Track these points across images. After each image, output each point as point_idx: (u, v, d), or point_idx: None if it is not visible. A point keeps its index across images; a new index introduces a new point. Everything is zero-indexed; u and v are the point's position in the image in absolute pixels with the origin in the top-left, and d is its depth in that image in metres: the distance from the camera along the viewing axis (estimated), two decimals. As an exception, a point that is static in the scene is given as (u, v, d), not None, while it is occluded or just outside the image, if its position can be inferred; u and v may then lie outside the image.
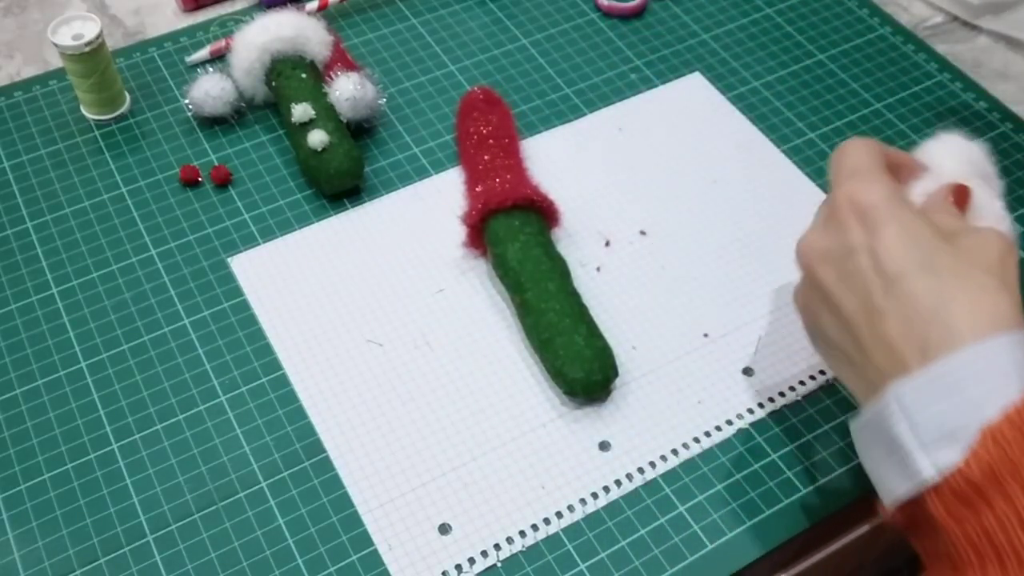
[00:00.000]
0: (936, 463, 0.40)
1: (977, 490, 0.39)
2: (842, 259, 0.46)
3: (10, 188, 0.70)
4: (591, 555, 0.54)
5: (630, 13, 0.83)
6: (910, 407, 0.41)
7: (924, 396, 0.41)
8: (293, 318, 0.63)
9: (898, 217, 0.45)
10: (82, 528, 0.54)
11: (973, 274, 0.43)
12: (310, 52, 0.72)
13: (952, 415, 0.40)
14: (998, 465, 0.38)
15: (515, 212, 0.63)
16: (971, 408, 0.40)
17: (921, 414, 0.41)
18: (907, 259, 0.44)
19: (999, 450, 0.39)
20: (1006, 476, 0.38)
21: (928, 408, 0.41)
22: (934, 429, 0.40)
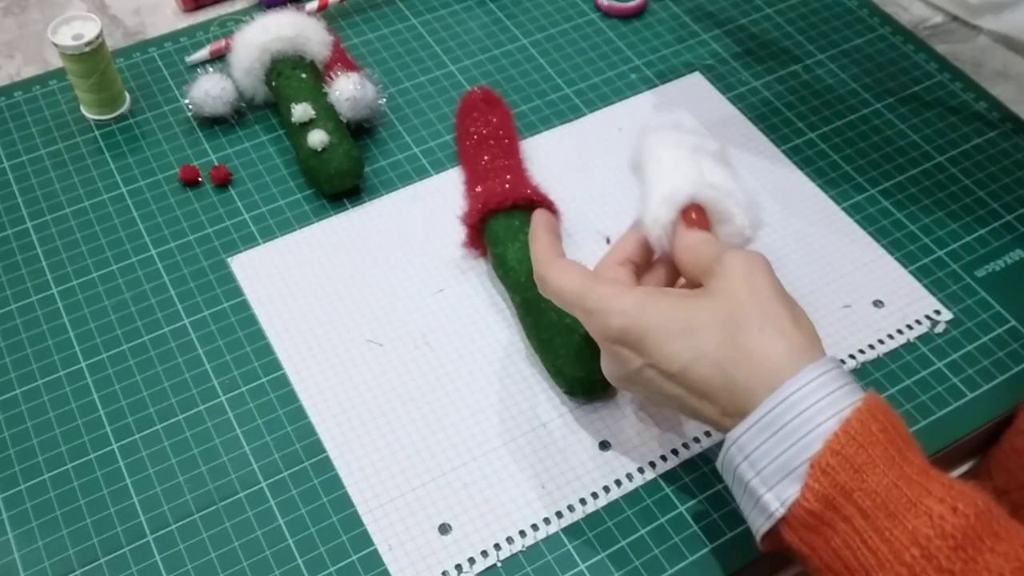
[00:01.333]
0: (781, 499, 0.44)
1: (818, 518, 0.43)
2: (636, 379, 0.50)
3: (10, 188, 0.70)
4: (591, 555, 0.54)
5: (630, 13, 0.83)
6: (750, 453, 0.45)
7: (758, 441, 0.44)
8: (293, 318, 0.63)
9: (647, 325, 0.48)
10: (82, 528, 0.54)
11: (748, 328, 0.46)
12: (310, 52, 0.72)
13: (784, 454, 0.43)
14: (830, 492, 0.42)
15: (515, 212, 0.63)
16: (797, 445, 0.43)
17: (760, 459, 0.44)
18: (679, 357, 0.47)
19: (828, 478, 0.42)
20: (839, 500, 0.42)
21: (763, 452, 0.44)
22: (773, 469, 0.44)
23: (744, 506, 0.46)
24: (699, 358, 0.46)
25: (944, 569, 0.39)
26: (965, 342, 0.62)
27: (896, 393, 0.60)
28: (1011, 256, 0.67)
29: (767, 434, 0.44)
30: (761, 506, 0.45)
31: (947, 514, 0.40)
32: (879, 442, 0.42)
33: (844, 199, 0.70)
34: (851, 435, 0.42)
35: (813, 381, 0.44)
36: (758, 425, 0.44)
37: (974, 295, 0.65)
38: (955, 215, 0.69)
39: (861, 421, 0.43)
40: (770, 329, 0.46)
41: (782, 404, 0.44)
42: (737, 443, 0.45)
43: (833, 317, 0.63)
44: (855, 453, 0.42)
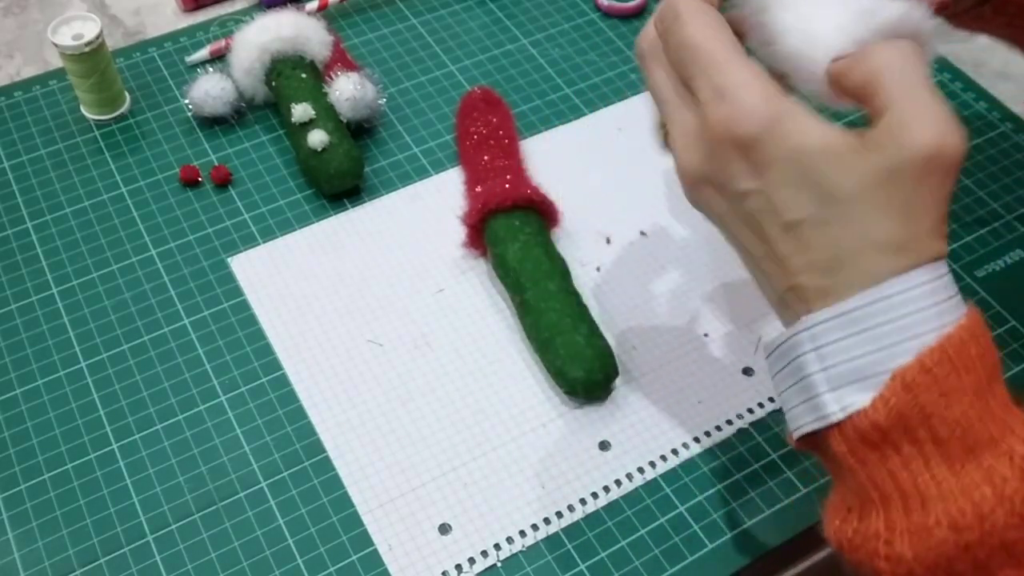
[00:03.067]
0: (843, 405, 0.39)
1: (883, 434, 0.38)
2: (731, 196, 0.41)
3: (10, 188, 0.70)
4: (591, 555, 0.54)
5: (630, 13, 0.83)
6: (822, 346, 0.39)
7: (837, 335, 0.39)
8: (293, 318, 0.63)
9: (785, 149, 0.39)
10: (82, 528, 0.54)
11: (880, 199, 0.38)
12: (310, 52, 0.72)
13: (864, 357, 0.38)
14: (907, 410, 0.37)
15: (515, 212, 0.63)
16: (884, 351, 0.38)
17: (833, 355, 0.39)
18: (803, 205, 0.39)
19: (909, 396, 0.37)
20: (915, 423, 0.37)
21: (840, 348, 0.39)
22: (845, 370, 0.39)
23: (788, 398, 0.41)
24: (822, 224, 0.39)
25: (1015, 512, 0.36)
26: (965, 342, 0.62)
27: (896, 393, 0.60)
28: (1011, 256, 0.67)
29: (852, 330, 0.38)
30: (814, 405, 0.40)
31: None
32: (974, 368, 0.37)
33: (844, 199, 0.70)
34: (948, 354, 0.37)
35: (923, 286, 0.38)
36: (844, 318, 0.38)
37: (974, 295, 0.65)
38: (955, 215, 0.69)
39: (962, 341, 0.37)
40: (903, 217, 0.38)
41: (881, 303, 0.38)
42: (811, 331, 0.39)
43: (833, 317, 0.63)
44: (947, 375, 0.37)
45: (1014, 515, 0.36)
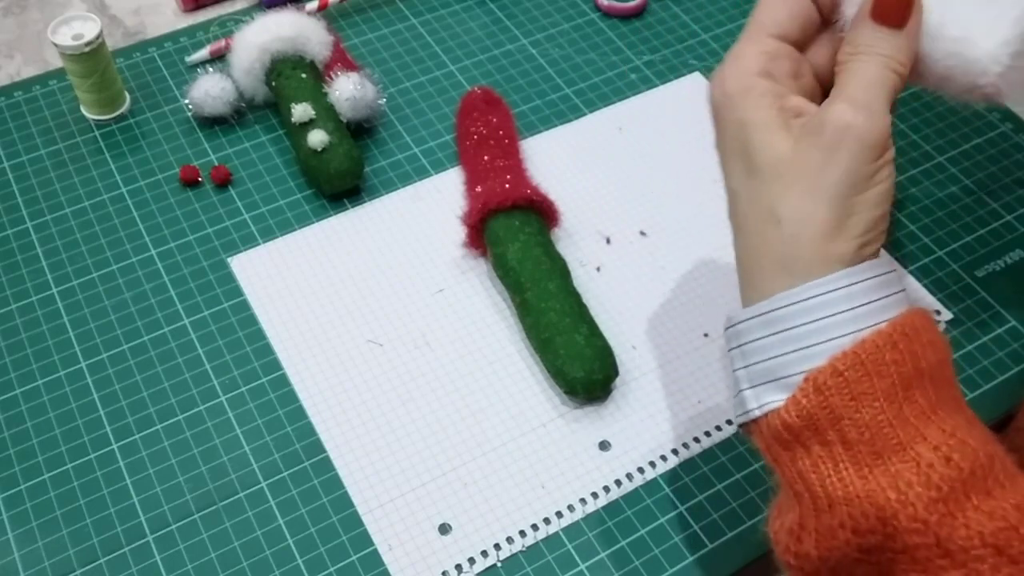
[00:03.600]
0: (761, 403, 0.40)
1: (795, 435, 0.39)
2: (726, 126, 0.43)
3: (10, 188, 0.70)
4: (591, 555, 0.54)
5: (630, 13, 0.83)
6: (745, 343, 0.41)
7: (757, 335, 0.40)
8: (293, 318, 0.63)
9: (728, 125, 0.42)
10: (82, 528, 0.54)
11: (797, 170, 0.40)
12: (310, 52, 0.72)
13: (781, 358, 0.39)
14: (817, 412, 0.38)
15: (515, 212, 0.63)
16: (799, 352, 0.39)
17: (753, 353, 0.40)
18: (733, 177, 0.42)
19: (820, 398, 0.38)
20: (824, 424, 0.38)
21: (759, 347, 0.40)
22: (762, 369, 0.40)
23: (730, 386, 0.43)
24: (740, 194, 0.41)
25: (918, 518, 0.36)
26: (965, 342, 0.62)
27: (896, 393, 0.60)
28: (1011, 256, 0.67)
29: (770, 330, 0.40)
30: (740, 399, 0.41)
31: (937, 463, 0.37)
32: (887, 374, 0.38)
33: (844, 199, 0.70)
34: (860, 359, 0.38)
35: (842, 289, 0.39)
36: (763, 318, 0.40)
37: (974, 295, 0.65)
38: (955, 215, 0.69)
39: (877, 346, 0.38)
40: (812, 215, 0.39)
41: (798, 305, 0.39)
42: (735, 328, 0.41)
43: (833, 317, 0.63)
44: (859, 379, 0.38)
45: (916, 520, 0.36)
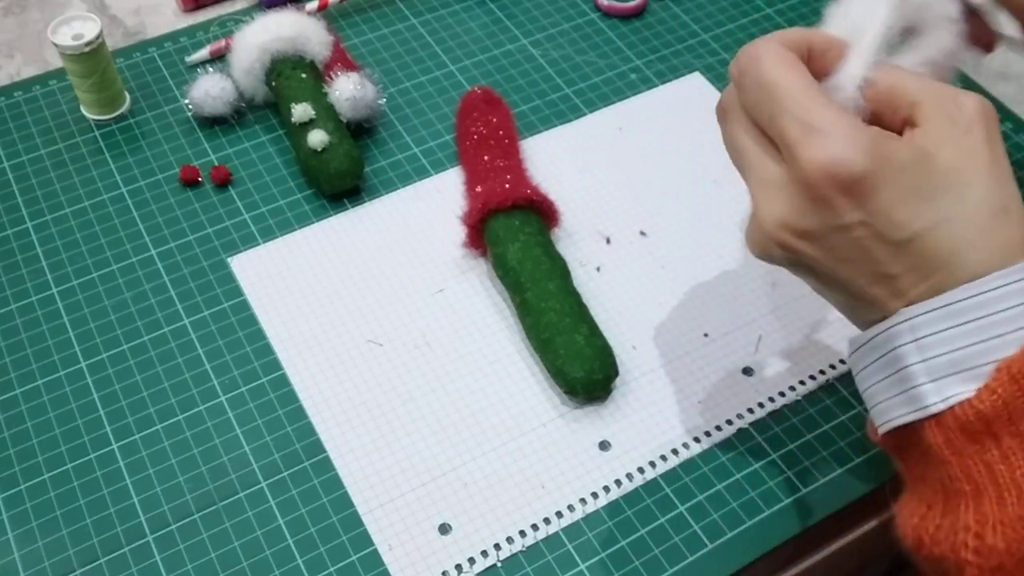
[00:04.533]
0: (944, 396, 0.39)
1: (987, 425, 0.38)
2: (831, 236, 0.40)
3: (10, 188, 0.70)
4: (591, 555, 0.54)
5: (630, 13, 0.83)
6: (923, 337, 0.39)
7: (939, 327, 0.39)
8: (293, 318, 0.63)
9: (888, 175, 0.38)
10: (82, 528, 0.54)
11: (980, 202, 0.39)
12: (310, 52, 0.72)
13: (967, 348, 0.38)
14: (1013, 401, 0.37)
15: (515, 212, 0.63)
16: (988, 342, 0.38)
17: (934, 345, 0.39)
18: (913, 220, 0.39)
19: (1016, 387, 0.37)
20: (1018, 414, 0.37)
21: (942, 339, 0.39)
22: (946, 361, 0.38)
23: (878, 391, 0.41)
24: (936, 226, 0.39)
25: None
26: (965, 342, 0.62)
27: (896, 393, 0.60)
28: (1011, 256, 0.67)
29: (955, 321, 0.38)
30: (913, 396, 0.39)
31: None
32: None
33: (844, 199, 0.70)
34: None
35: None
36: (947, 309, 0.38)
37: (974, 295, 0.65)
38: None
39: None
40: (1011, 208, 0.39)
41: (987, 294, 0.38)
42: (911, 322, 0.39)
43: (833, 317, 0.63)
44: None
45: None
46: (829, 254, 0.40)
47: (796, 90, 0.39)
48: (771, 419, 0.59)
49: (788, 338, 0.62)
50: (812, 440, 0.58)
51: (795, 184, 0.39)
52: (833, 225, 0.39)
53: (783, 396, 0.59)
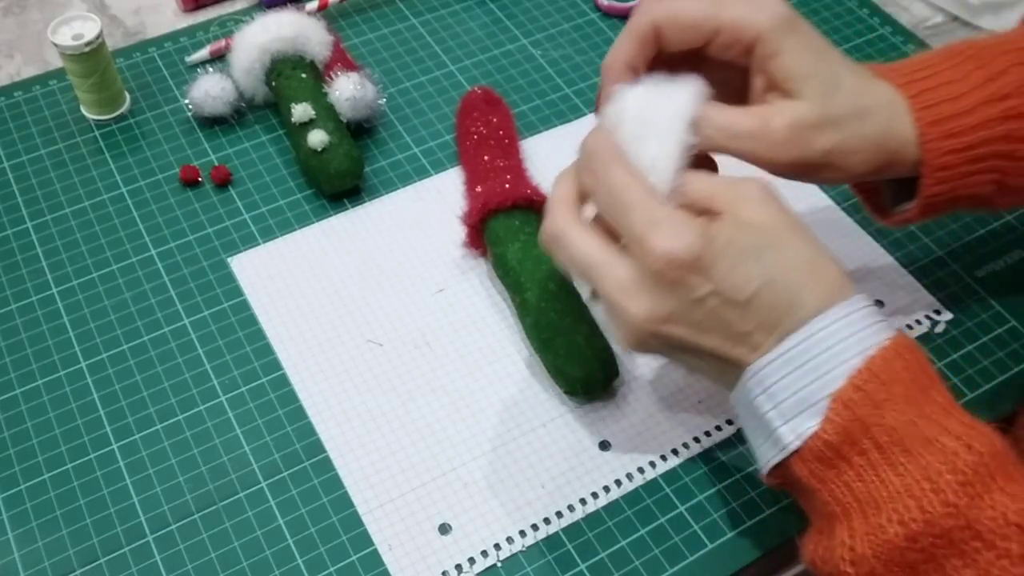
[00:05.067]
0: (797, 432, 0.44)
1: (835, 450, 0.43)
2: (691, 312, 0.45)
3: (10, 188, 0.70)
4: (591, 555, 0.54)
5: (630, 13, 0.83)
6: (770, 386, 0.44)
7: (780, 375, 0.44)
8: (293, 318, 0.63)
9: (718, 250, 0.44)
10: (82, 528, 0.54)
11: (797, 255, 0.45)
12: (310, 52, 0.72)
13: (806, 388, 0.43)
14: (850, 426, 0.42)
15: (515, 212, 0.63)
16: (820, 379, 0.43)
17: (780, 392, 0.44)
18: (750, 280, 0.44)
19: (848, 412, 0.42)
20: (858, 435, 0.42)
21: (784, 385, 0.44)
22: (792, 403, 0.44)
23: (755, 439, 0.47)
24: (770, 281, 0.44)
25: (950, 503, 0.40)
26: (965, 342, 0.62)
27: (896, 393, 0.60)
28: (1011, 256, 0.67)
29: (790, 367, 0.44)
30: (775, 439, 0.45)
31: (961, 451, 0.41)
32: (901, 380, 0.43)
33: (844, 199, 0.70)
34: (874, 372, 0.42)
35: (844, 318, 0.44)
36: (784, 358, 0.44)
37: (974, 295, 0.65)
38: (955, 215, 0.69)
39: (885, 359, 0.43)
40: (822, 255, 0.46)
41: (812, 338, 0.43)
42: (758, 376, 0.45)
43: (833, 317, 0.63)
44: (876, 390, 0.42)
45: (948, 504, 0.40)
46: (693, 329, 0.46)
47: (639, 190, 0.46)
48: (771, 419, 0.59)
49: (788, 338, 0.62)
50: (812, 440, 0.58)
51: (649, 276, 0.45)
52: (690, 300, 0.45)
53: (783, 396, 0.59)
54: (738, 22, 0.49)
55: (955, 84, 0.51)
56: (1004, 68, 0.51)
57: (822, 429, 0.43)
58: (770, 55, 0.49)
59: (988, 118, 0.50)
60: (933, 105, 0.50)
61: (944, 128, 0.50)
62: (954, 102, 0.50)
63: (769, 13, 0.49)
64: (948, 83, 0.51)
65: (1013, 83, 0.50)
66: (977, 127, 0.50)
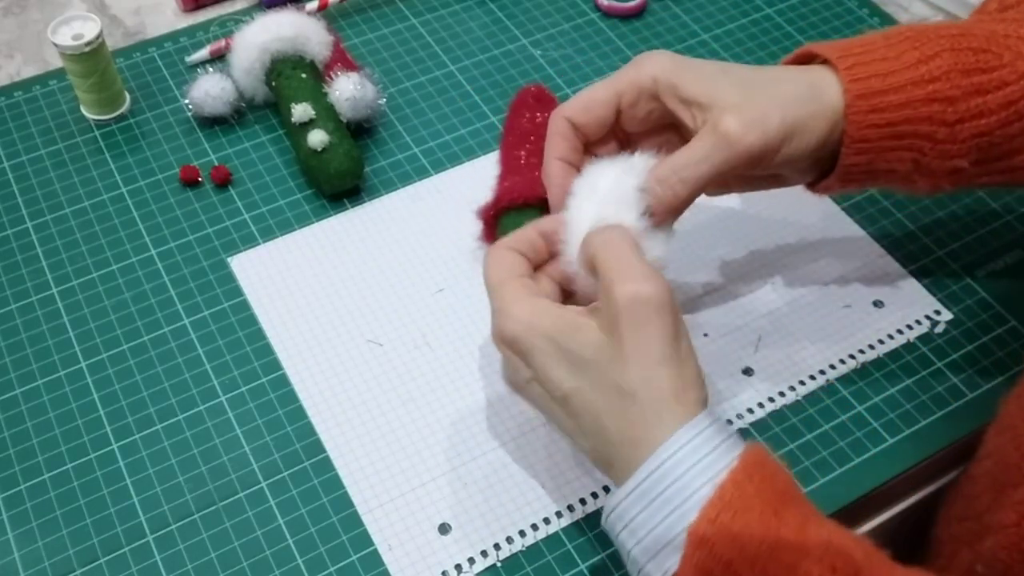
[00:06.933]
0: (662, 569, 0.43)
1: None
2: (525, 389, 0.49)
3: (10, 188, 0.70)
4: (591, 555, 0.54)
5: (630, 13, 0.83)
6: (629, 522, 0.44)
7: (636, 509, 0.43)
8: (293, 318, 0.63)
9: (535, 342, 0.46)
10: (82, 528, 0.54)
11: (615, 352, 0.45)
12: (310, 52, 0.72)
13: (662, 524, 0.43)
14: (708, 563, 0.41)
15: (526, 210, 0.63)
16: (674, 513, 0.42)
17: (639, 528, 0.43)
18: (562, 384, 0.45)
19: (704, 549, 0.41)
20: (718, 571, 0.41)
21: (642, 521, 0.43)
22: (652, 540, 0.43)
23: (630, 567, 0.45)
24: (579, 391, 0.46)
25: None
26: (965, 342, 0.62)
27: (896, 393, 0.60)
28: (1011, 256, 0.67)
29: (644, 502, 0.43)
30: (645, 575, 0.44)
31: (826, 575, 0.40)
32: (754, 506, 0.41)
33: (844, 199, 0.70)
34: (726, 501, 0.41)
35: (687, 444, 0.43)
36: (635, 493, 0.43)
37: (974, 295, 0.65)
38: (955, 215, 0.69)
39: (736, 483, 0.42)
40: (651, 382, 0.44)
41: (657, 471, 0.43)
42: (616, 511, 0.44)
43: (833, 317, 0.63)
44: (731, 520, 0.41)
45: None
46: (534, 405, 0.49)
47: (491, 281, 0.49)
48: (771, 419, 0.59)
49: (788, 338, 0.62)
50: (812, 440, 0.58)
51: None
52: (520, 380, 0.48)
53: (783, 396, 0.59)
54: (631, 77, 0.52)
55: (887, 62, 0.51)
56: (936, 52, 0.51)
57: (681, 569, 0.42)
58: (675, 85, 0.51)
59: (913, 98, 0.51)
60: (862, 79, 0.51)
61: (870, 102, 0.51)
62: (883, 78, 0.51)
63: (654, 59, 0.52)
64: (881, 60, 0.51)
65: (942, 68, 0.51)
66: (901, 105, 0.51)
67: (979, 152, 0.52)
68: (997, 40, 0.52)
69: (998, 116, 0.51)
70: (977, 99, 0.51)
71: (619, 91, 0.52)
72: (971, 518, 0.52)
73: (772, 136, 0.49)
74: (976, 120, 0.51)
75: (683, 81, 0.51)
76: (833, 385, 0.60)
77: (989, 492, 0.51)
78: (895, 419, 0.59)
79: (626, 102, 0.52)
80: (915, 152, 0.52)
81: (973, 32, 0.52)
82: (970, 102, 0.51)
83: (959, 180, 0.54)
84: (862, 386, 0.60)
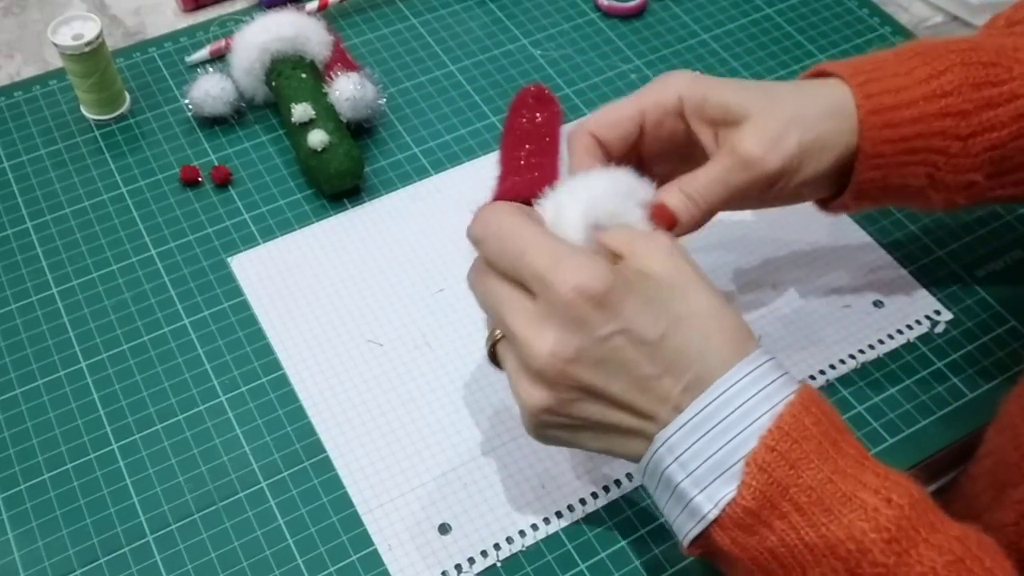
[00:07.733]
0: (714, 500, 0.42)
1: (755, 516, 0.42)
2: (596, 349, 0.43)
3: (10, 188, 0.70)
4: (591, 555, 0.54)
5: (630, 13, 0.83)
6: (681, 454, 0.43)
7: (690, 440, 0.43)
8: (293, 318, 0.63)
9: (626, 288, 0.43)
10: (82, 528, 0.54)
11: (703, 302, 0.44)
12: (310, 52, 0.72)
13: (718, 453, 0.42)
14: (768, 490, 0.41)
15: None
16: (731, 442, 0.42)
17: (692, 459, 0.43)
18: (657, 320, 0.43)
19: (765, 475, 0.41)
20: (777, 498, 0.41)
21: (695, 452, 0.43)
22: (705, 470, 0.43)
23: (670, 511, 0.45)
24: (676, 324, 0.43)
25: (879, 563, 0.39)
26: (965, 342, 0.62)
27: (896, 393, 0.60)
28: (1011, 256, 0.67)
29: (700, 432, 0.43)
30: (691, 509, 0.43)
31: (881, 506, 0.40)
32: (813, 436, 0.42)
33: (844, 199, 0.70)
34: (785, 431, 0.42)
35: (748, 375, 0.43)
36: (692, 423, 0.43)
37: (974, 295, 0.65)
38: (955, 215, 0.69)
39: (794, 416, 0.42)
40: (725, 304, 0.45)
41: (721, 397, 0.43)
42: (667, 443, 0.43)
43: (833, 317, 0.63)
44: (790, 449, 0.41)
45: (877, 565, 0.40)
46: (600, 371, 0.44)
47: (536, 232, 0.45)
48: (771, 419, 0.59)
49: (788, 338, 0.62)
50: (812, 440, 0.58)
51: (554, 312, 0.43)
52: (595, 338, 0.43)
53: (783, 396, 0.59)
54: (656, 95, 0.52)
55: (899, 78, 0.52)
56: (947, 67, 0.52)
57: (740, 495, 0.42)
58: (700, 103, 0.51)
59: (926, 113, 0.51)
60: (875, 95, 0.51)
61: (883, 118, 0.51)
62: (895, 94, 0.51)
63: (678, 77, 0.52)
64: (892, 76, 0.52)
65: (953, 82, 0.51)
66: (914, 120, 0.51)
67: (992, 165, 0.52)
68: (1007, 53, 0.52)
69: (1010, 129, 0.51)
70: (989, 112, 0.51)
71: (644, 108, 0.52)
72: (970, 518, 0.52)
73: (790, 158, 0.50)
74: (988, 133, 0.51)
75: (707, 99, 0.51)
76: (833, 385, 0.60)
77: (989, 492, 0.51)
78: (895, 419, 0.59)
79: (651, 120, 0.52)
80: (929, 167, 0.52)
81: (983, 46, 0.53)
82: (982, 115, 0.51)
83: (973, 194, 0.54)
84: (862, 386, 0.60)
